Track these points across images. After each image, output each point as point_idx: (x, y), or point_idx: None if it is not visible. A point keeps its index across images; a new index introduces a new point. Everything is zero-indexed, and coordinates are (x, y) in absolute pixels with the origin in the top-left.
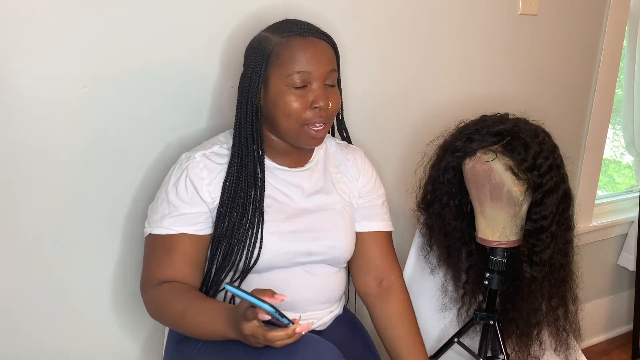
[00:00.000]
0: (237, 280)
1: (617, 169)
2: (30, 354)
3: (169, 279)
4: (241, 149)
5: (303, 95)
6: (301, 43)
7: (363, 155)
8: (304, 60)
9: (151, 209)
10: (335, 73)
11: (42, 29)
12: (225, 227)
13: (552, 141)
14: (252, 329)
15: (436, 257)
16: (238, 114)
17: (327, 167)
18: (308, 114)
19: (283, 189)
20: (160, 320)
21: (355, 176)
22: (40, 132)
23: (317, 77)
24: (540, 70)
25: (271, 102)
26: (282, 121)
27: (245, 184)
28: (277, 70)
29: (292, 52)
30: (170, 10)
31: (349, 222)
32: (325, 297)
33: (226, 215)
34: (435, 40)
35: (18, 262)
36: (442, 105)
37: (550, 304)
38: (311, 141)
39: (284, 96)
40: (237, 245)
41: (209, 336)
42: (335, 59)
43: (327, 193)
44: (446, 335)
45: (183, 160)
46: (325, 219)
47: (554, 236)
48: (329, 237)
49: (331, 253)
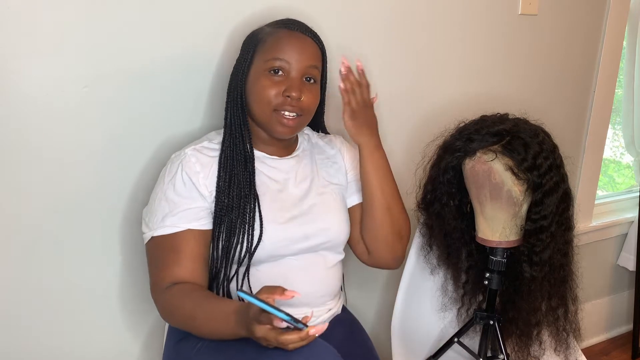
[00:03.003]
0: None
1: (617, 169)
2: (30, 354)
3: (179, 280)
4: (232, 134)
5: (278, 83)
6: (287, 34)
7: (342, 139)
8: (286, 50)
9: (148, 212)
10: (316, 70)
11: (42, 29)
12: (226, 203)
13: (552, 141)
14: (264, 332)
15: (436, 257)
16: (228, 98)
17: (313, 154)
18: (278, 99)
19: (275, 176)
20: (172, 323)
21: (341, 155)
22: (40, 132)
23: (296, 69)
24: (540, 70)
25: (250, 88)
26: (255, 106)
27: (237, 162)
28: (259, 56)
29: (276, 41)
30: (169, 11)
31: (341, 204)
32: (323, 291)
33: (225, 193)
34: (435, 40)
35: (18, 263)
36: (442, 105)
37: (550, 304)
38: (280, 129)
39: (260, 80)
40: (239, 220)
41: (221, 336)
42: (320, 57)
43: (317, 178)
44: (446, 335)
45: (174, 158)
46: (318, 203)
47: (553, 236)
48: (323, 219)
49: (327, 235)
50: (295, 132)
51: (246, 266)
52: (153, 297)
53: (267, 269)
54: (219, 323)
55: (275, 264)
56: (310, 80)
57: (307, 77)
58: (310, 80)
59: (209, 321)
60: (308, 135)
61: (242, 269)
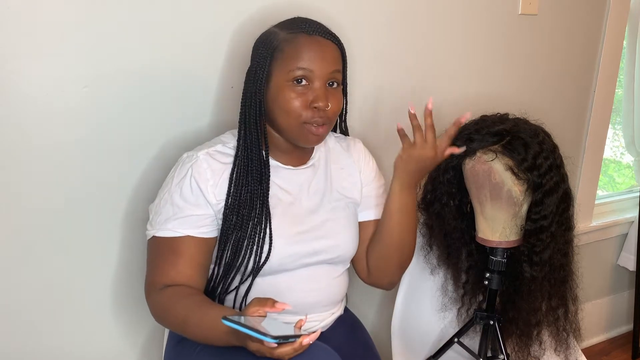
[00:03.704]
0: (246, 280)
1: (617, 169)
2: (29, 354)
3: (174, 283)
4: (246, 143)
5: (303, 93)
6: (306, 40)
7: (362, 147)
8: (307, 58)
9: (153, 210)
10: (339, 74)
11: (42, 29)
12: (234, 222)
13: (552, 141)
14: (257, 347)
15: (436, 257)
16: (242, 108)
17: (328, 163)
18: (307, 113)
19: (288, 187)
20: (164, 325)
21: (358, 168)
22: (40, 132)
23: (320, 76)
24: (540, 70)
25: (272, 98)
26: (281, 118)
27: (251, 178)
28: (280, 66)
29: (296, 49)
30: (171, 9)
31: (352, 219)
32: (328, 300)
33: (234, 211)
34: (435, 40)
35: (17, 263)
36: (442, 105)
37: (550, 304)
38: (310, 139)
39: (284, 92)
40: (246, 240)
41: (212, 343)
42: (341, 60)
43: (329, 191)
44: (446, 335)
45: (185, 159)
46: (329, 218)
47: (554, 236)
48: (333, 235)
49: (336, 251)
50: (323, 139)
51: (250, 281)
52: (146, 295)
53: (271, 279)
54: (211, 332)
55: (280, 275)
56: (333, 84)
57: (330, 82)
58: (333, 84)
59: (201, 329)
60: (325, 140)
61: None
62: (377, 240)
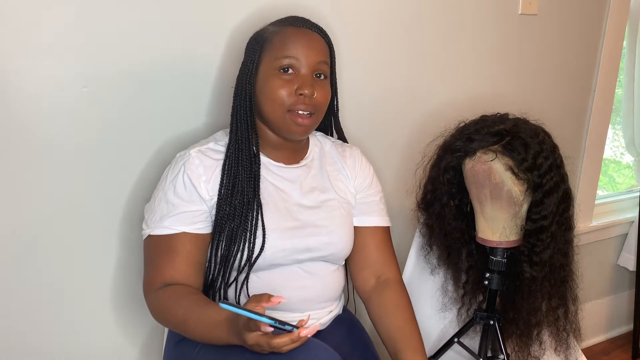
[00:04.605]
0: (241, 273)
1: (617, 169)
2: (29, 354)
3: (172, 281)
4: (237, 136)
5: (289, 82)
6: (294, 31)
7: (360, 154)
8: (293, 47)
9: (148, 210)
10: (326, 66)
11: (42, 29)
12: (227, 212)
13: (552, 141)
14: (256, 339)
15: (436, 257)
16: (234, 102)
17: (323, 164)
18: (292, 99)
19: (280, 185)
20: (164, 324)
21: (352, 175)
22: (40, 132)
23: (306, 66)
24: (540, 70)
25: (260, 89)
26: (267, 107)
27: (242, 169)
28: (267, 56)
29: (284, 39)
30: (169, 11)
31: (347, 218)
32: (324, 297)
33: (227, 201)
34: (434, 40)
35: (16, 263)
36: (442, 105)
37: (551, 304)
38: (295, 129)
39: (270, 80)
40: (239, 229)
41: (211, 341)
42: (328, 53)
43: (324, 190)
44: (446, 335)
45: (178, 158)
46: (323, 216)
47: (554, 236)
48: (327, 233)
49: (330, 249)
50: (310, 132)
51: (246, 273)
52: (145, 295)
53: (266, 275)
54: (211, 330)
55: (275, 270)
56: (321, 76)
57: (317, 74)
58: (321, 76)
59: (200, 328)
60: (321, 143)
61: (241, 275)
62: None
